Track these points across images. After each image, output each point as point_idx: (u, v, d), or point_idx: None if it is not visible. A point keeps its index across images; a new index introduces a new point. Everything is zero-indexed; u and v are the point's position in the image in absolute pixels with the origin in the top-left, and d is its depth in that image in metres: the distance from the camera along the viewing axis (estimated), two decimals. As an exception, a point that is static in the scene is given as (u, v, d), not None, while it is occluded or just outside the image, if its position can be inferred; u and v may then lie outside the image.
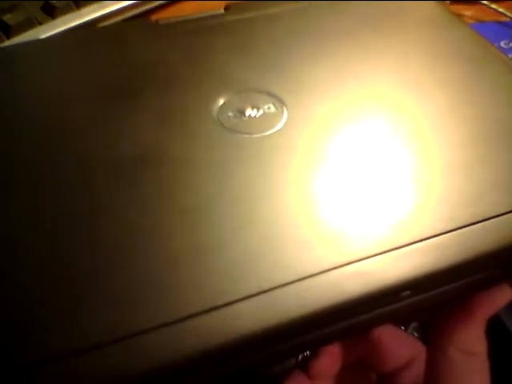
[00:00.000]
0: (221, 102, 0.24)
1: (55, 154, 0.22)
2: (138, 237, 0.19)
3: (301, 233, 0.19)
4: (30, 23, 0.40)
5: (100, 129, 0.23)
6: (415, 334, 0.35)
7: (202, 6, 0.32)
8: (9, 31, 0.40)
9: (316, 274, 0.18)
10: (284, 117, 0.24)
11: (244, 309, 0.17)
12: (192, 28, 0.29)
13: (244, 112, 0.24)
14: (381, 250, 0.19)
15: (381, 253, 0.19)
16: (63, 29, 0.41)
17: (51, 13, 0.41)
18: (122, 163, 0.21)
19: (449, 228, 0.19)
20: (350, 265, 0.18)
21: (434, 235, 0.19)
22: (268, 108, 0.24)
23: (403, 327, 0.35)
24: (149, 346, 0.16)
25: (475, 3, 0.49)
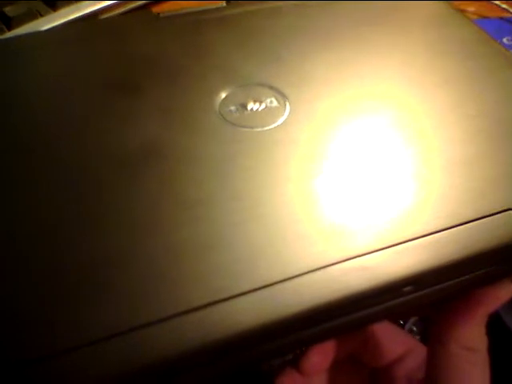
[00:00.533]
0: (223, 96, 0.24)
1: (56, 147, 0.22)
2: (140, 231, 0.19)
3: (302, 228, 0.19)
4: (32, 15, 0.40)
5: (101, 122, 0.23)
6: (414, 329, 0.35)
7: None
8: (10, 23, 0.40)
9: (317, 269, 0.18)
10: (286, 111, 0.24)
11: (245, 304, 0.17)
12: (194, 21, 0.29)
13: (246, 106, 0.24)
14: (382, 246, 0.19)
15: (382, 248, 0.19)
16: (64, 21, 0.40)
17: (52, 5, 0.41)
18: (124, 157, 0.21)
19: (450, 224, 0.19)
20: (351, 260, 0.18)
21: (435, 231, 0.19)
22: (270, 102, 0.24)
23: (402, 322, 0.35)
24: (149, 340, 0.16)
25: (478, -1, 0.49)
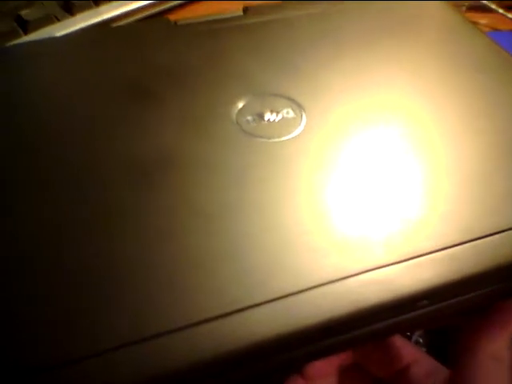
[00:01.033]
0: (240, 106, 0.24)
1: (72, 156, 0.22)
2: (153, 239, 0.19)
3: (318, 240, 0.19)
4: (48, 19, 0.41)
5: (117, 130, 0.23)
6: (420, 340, 0.35)
7: (216, 8, 0.32)
8: (26, 27, 0.40)
9: (332, 282, 0.18)
10: (302, 122, 0.24)
11: (258, 315, 0.17)
12: (211, 29, 0.29)
13: (263, 116, 0.24)
14: (397, 259, 0.19)
15: (397, 262, 0.19)
16: (81, 26, 0.41)
17: (69, 9, 0.42)
18: (141, 165, 0.22)
19: (466, 239, 0.19)
20: (367, 273, 0.18)
21: (451, 245, 0.19)
22: (287, 113, 0.24)
23: (408, 333, 0.35)
24: (160, 351, 0.16)
25: (491, 12, 0.49)
